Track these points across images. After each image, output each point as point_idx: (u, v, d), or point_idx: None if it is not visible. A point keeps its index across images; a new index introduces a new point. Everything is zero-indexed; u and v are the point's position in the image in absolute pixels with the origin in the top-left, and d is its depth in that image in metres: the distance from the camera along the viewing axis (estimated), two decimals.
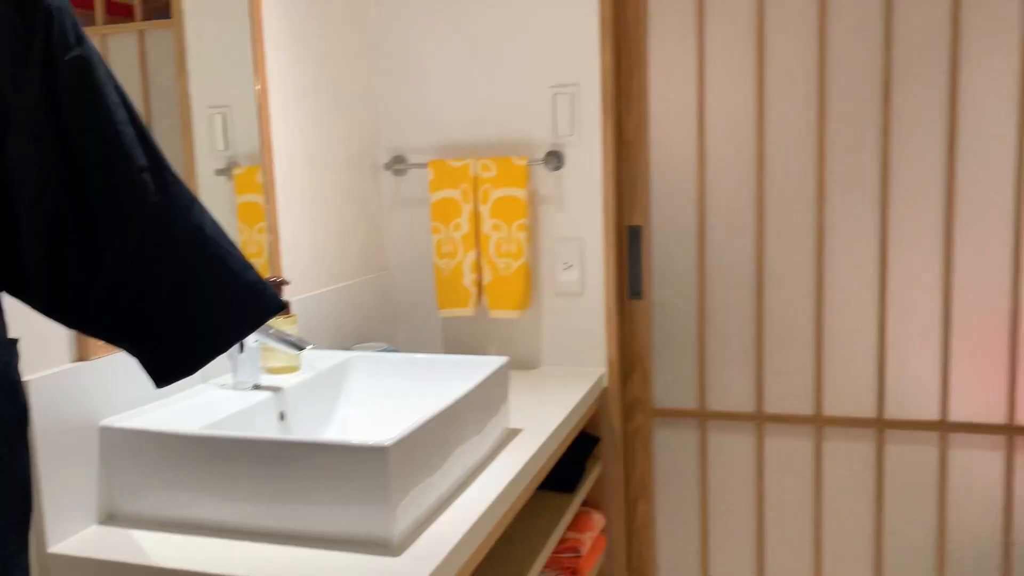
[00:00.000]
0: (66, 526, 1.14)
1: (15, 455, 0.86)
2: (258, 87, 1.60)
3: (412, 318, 2.08)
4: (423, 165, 1.96)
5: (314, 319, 1.75)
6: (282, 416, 1.39)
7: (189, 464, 1.14)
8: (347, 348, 1.86)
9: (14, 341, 0.87)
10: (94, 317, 0.89)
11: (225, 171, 1.53)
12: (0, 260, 0.86)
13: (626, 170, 1.97)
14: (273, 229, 1.63)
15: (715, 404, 1.99)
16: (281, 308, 0.96)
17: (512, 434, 1.50)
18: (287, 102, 1.70)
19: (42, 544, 1.11)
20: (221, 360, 1.47)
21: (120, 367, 1.23)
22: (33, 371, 1.10)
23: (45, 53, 0.82)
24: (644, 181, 1.96)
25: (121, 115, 0.87)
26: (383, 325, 2.04)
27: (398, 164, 2.01)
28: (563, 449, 1.63)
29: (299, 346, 1.35)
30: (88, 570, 1.09)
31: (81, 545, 1.12)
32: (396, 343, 2.10)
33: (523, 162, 1.87)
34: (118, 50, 1.30)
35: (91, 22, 1.25)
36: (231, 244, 0.94)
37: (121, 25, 1.31)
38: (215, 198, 1.50)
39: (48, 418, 1.11)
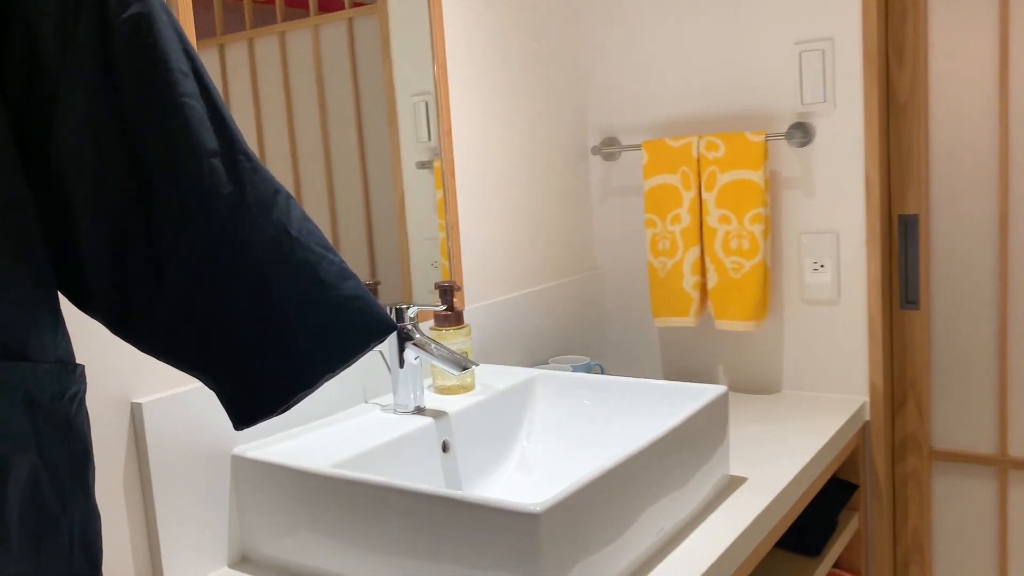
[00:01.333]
0: (190, 568, 1.01)
1: (66, 508, 0.71)
2: (436, 66, 1.40)
3: (624, 328, 1.81)
4: (637, 147, 1.67)
5: (503, 328, 1.53)
6: (445, 447, 1.17)
7: (317, 505, 0.98)
8: (543, 362, 1.62)
9: (74, 367, 0.71)
10: (162, 341, 0.73)
11: (427, 164, 1.44)
12: (63, 269, 0.72)
13: (897, 144, 1.57)
14: (454, 226, 1.44)
15: (1021, 448, 1.52)
16: (390, 331, 0.74)
17: (735, 483, 1.20)
18: (471, 82, 1.51)
19: None
20: (384, 376, 1.29)
21: None
22: (149, 392, 0.98)
23: (99, 12, 0.67)
24: (922, 157, 1.54)
25: (188, 86, 0.70)
26: (589, 335, 1.78)
27: (608, 147, 1.74)
28: (808, 499, 1.29)
29: (462, 365, 1.12)
30: None
31: None
32: (603, 357, 1.83)
33: (759, 137, 1.53)
34: (330, 40, 1.26)
35: (304, 15, 1.23)
36: (326, 247, 0.74)
37: (332, 14, 1.29)
38: (417, 193, 1.41)
39: (168, 445, 0.99)
